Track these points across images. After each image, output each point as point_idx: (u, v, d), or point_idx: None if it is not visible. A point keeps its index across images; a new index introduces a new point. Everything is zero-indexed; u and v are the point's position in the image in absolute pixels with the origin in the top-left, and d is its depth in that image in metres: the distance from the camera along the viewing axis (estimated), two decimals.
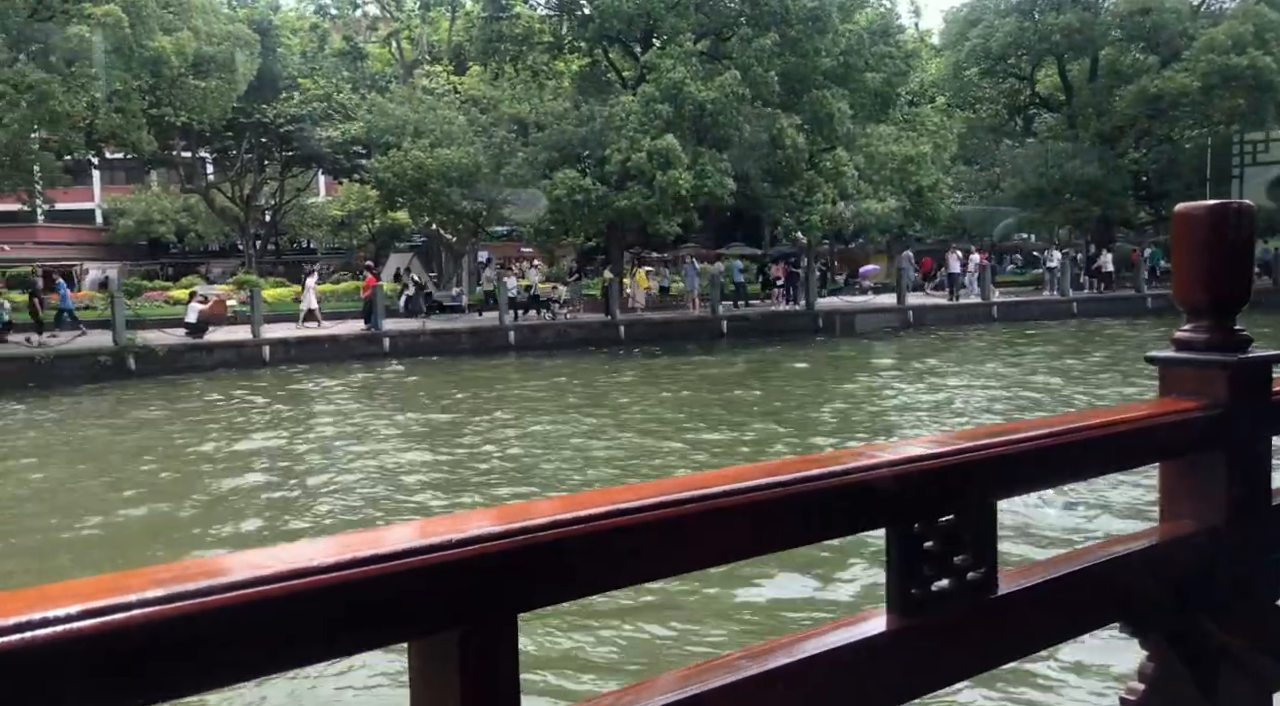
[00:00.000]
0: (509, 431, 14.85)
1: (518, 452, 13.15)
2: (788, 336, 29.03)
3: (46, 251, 45.29)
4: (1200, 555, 1.50)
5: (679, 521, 0.92)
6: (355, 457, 13.08)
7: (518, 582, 0.83)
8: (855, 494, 1.08)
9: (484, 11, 32.03)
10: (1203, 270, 1.55)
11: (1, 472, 13.08)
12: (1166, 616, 1.48)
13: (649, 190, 26.16)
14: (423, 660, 0.83)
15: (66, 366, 22.13)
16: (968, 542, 1.17)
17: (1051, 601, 1.30)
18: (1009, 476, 1.28)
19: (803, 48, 28.13)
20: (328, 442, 14.34)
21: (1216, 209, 1.53)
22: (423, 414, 16.80)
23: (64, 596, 0.63)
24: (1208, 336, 1.54)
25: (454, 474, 11.96)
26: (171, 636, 0.65)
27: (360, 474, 12.02)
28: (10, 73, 20.26)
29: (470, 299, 33.04)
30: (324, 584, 0.71)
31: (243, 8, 37.68)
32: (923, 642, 1.14)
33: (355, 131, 33.66)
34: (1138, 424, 1.44)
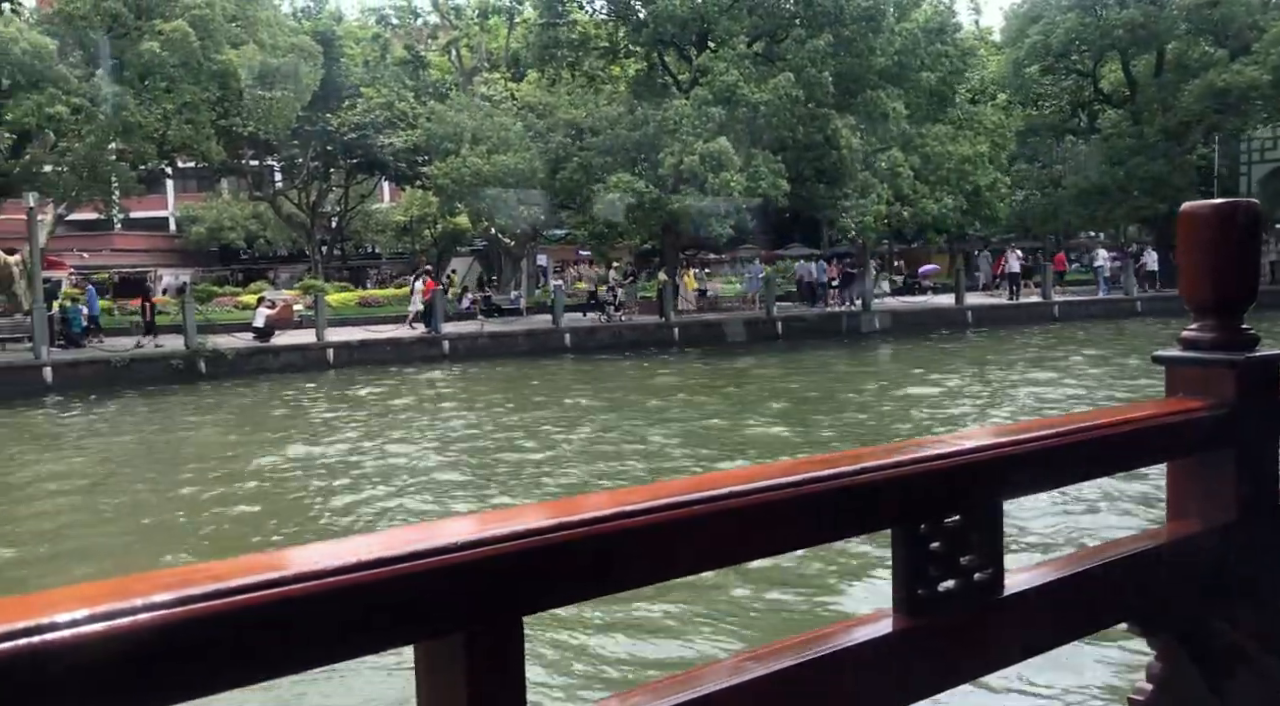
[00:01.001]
0: (569, 429, 15.15)
1: (579, 451, 13.43)
2: (843, 337, 28.97)
3: (123, 258, 46.82)
4: (1208, 554, 1.48)
5: (684, 523, 0.92)
6: (415, 457, 13.49)
7: (524, 585, 0.83)
8: (862, 494, 1.07)
9: (541, 18, 32.51)
10: (1209, 269, 1.54)
11: (95, 467, 13.75)
12: (1174, 616, 1.47)
13: (702, 192, 26.34)
14: (429, 662, 0.83)
15: (142, 369, 23.00)
16: (974, 543, 1.17)
17: (1059, 601, 1.29)
18: (1016, 477, 1.27)
19: (857, 48, 28.07)
20: (390, 442, 14.78)
21: (1222, 208, 1.52)
22: (485, 413, 17.20)
23: (72, 601, 0.64)
24: (1214, 335, 1.53)
25: (516, 473, 12.24)
26: (178, 640, 0.65)
27: (421, 472, 12.41)
28: (88, 87, 21.20)
29: (528, 301, 33.54)
30: (330, 587, 0.71)
31: (307, 19, 38.70)
32: (929, 643, 1.14)
33: (416, 138, 34.36)
34: (1145, 423, 1.43)
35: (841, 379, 20.94)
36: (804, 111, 27.43)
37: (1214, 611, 1.49)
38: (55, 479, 13.05)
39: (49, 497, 11.91)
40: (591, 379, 22.17)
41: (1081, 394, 16.73)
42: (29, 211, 23.23)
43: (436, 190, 32.29)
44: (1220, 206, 1.53)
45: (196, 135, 23.70)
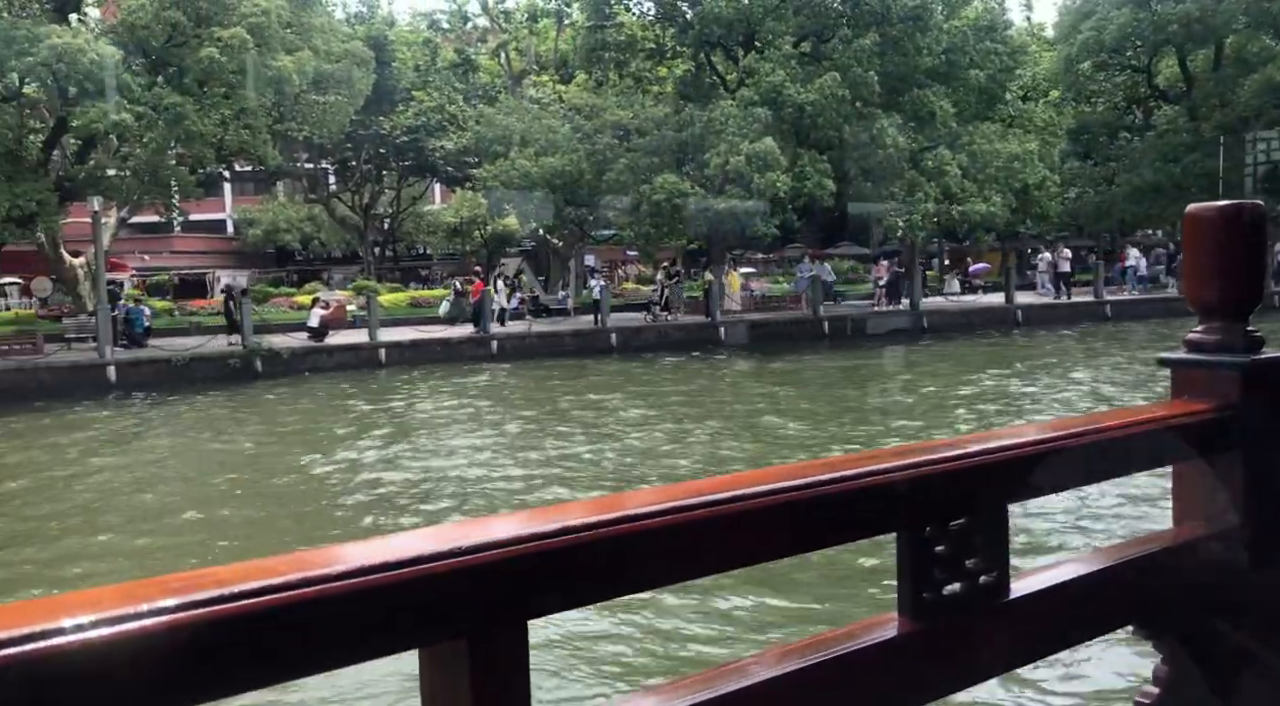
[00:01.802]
0: (620, 428, 15.37)
1: (631, 448, 13.64)
2: (890, 337, 28.85)
3: (182, 260, 48.02)
4: (1215, 557, 1.48)
5: (688, 527, 0.92)
6: (468, 454, 13.80)
7: (529, 589, 0.83)
8: (868, 498, 1.07)
9: (588, 21, 32.81)
10: (1214, 271, 1.53)
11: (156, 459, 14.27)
12: (1180, 619, 1.47)
13: (748, 192, 26.44)
14: (434, 666, 0.83)
15: (200, 368, 23.66)
16: (980, 546, 1.17)
17: (1065, 604, 1.29)
18: (1021, 479, 1.27)
19: (904, 47, 27.98)
20: (442, 440, 15.12)
21: (1228, 210, 1.51)
22: (534, 412, 17.49)
23: (80, 605, 0.64)
24: (1220, 337, 1.52)
25: (569, 471, 12.47)
26: (184, 645, 0.66)
27: (473, 470, 12.71)
28: (149, 95, 21.89)
29: (575, 301, 33.85)
30: (334, 592, 0.72)
31: (360, 24, 39.43)
32: (935, 646, 1.14)
33: (466, 141, 34.86)
34: (1150, 426, 1.43)
35: (887, 378, 20.90)
36: (850, 111, 27.41)
37: (1219, 614, 1.49)
38: (113, 472, 13.56)
39: (110, 492, 12.40)
40: (638, 379, 22.38)
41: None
42: (94, 215, 24.03)
43: (485, 192, 32.75)
44: (1225, 208, 1.51)
45: (254, 139, 24.34)
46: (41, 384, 21.91)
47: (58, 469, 13.95)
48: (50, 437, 16.77)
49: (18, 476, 13.53)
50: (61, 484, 12.93)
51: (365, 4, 41.89)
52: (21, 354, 23.61)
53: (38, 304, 33.53)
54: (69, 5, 24.39)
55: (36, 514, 11.20)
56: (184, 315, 31.69)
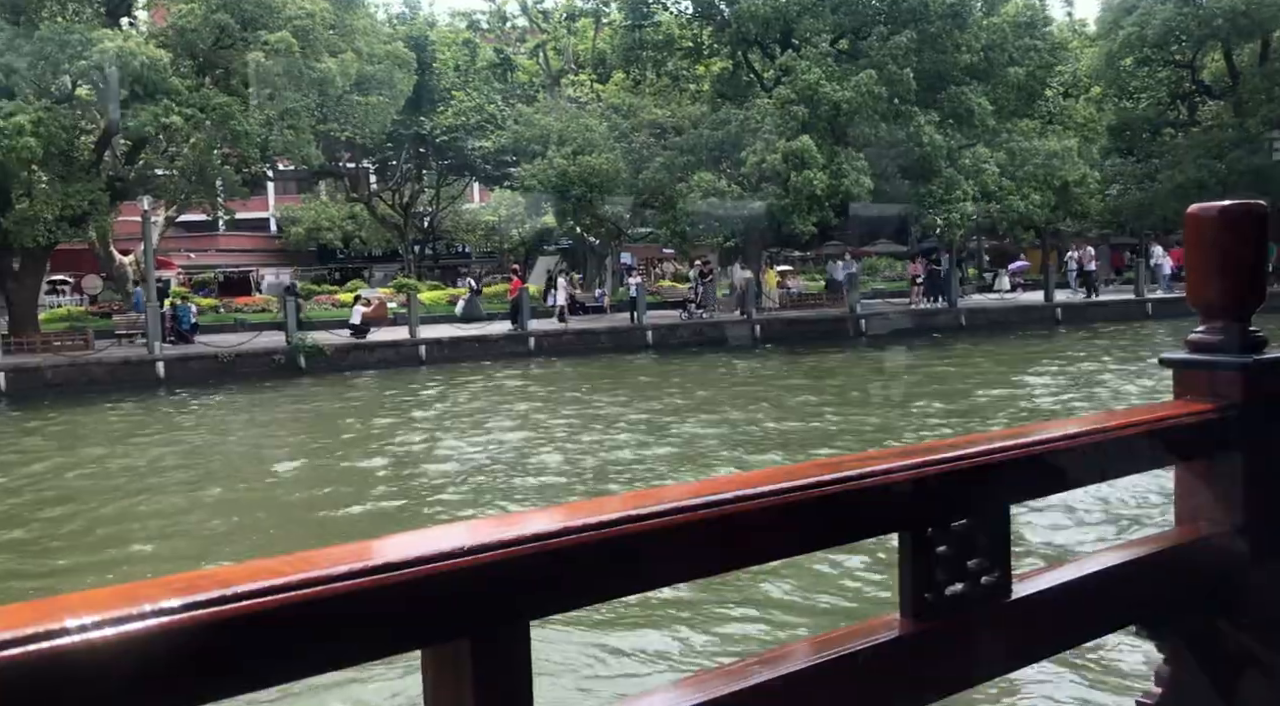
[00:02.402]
0: (660, 421, 15.58)
1: (671, 442, 13.84)
2: (928, 335, 28.79)
3: (226, 258, 48.87)
4: (1217, 557, 1.48)
5: (690, 528, 0.92)
6: (512, 447, 14.08)
7: (530, 590, 0.83)
8: (870, 498, 1.08)
9: (626, 20, 33.02)
10: (1216, 271, 1.53)
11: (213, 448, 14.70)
12: (1183, 619, 1.47)
13: (784, 191, 26.52)
14: (436, 668, 0.83)
15: (246, 364, 24.20)
16: (982, 546, 1.17)
17: (1067, 605, 1.29)
18: (1024, 480, 1.28)
19: (942, 44, 27.91)
20: (485, 433, 15.41)
21: (1230, 209, 1.52)
22: (575, 407, 17.74)
23: (83, 606, 0.64)
24: (1222, 338, 1.52)
25: (607, 466, 12.69)
26: (185, 645, 0.66)
27: (515, 462, 12.98)
28: (197, 97, 22.43)
29: (611, 299, 34.10)
30: (336, 592, 0.72)
31: (401, 25, 39.94)
32: (937, 647, 1.14)
33: (504, 141, 35.23)
34: (1153, 426, 1.43)
35: (928, 378, 20.90)
36: (886, 108, 27.40)
37: (1222, 614, 1.48)
38: (171, 461, 14.00)
39: (160, 488, 12.82)
40: (676, 375, 22.56)
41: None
42: (143, 214, 24.64)
43: (524, 191, 33.08)
44: (1227, 208, 1.52)
45: (298, 140, 24.83)
46: (93, 378, 22.55)
47: (115, 459, 14.41)
48: (106, 429, 17.30)
49: (82, 465, 14.02)
50: (120, 472, 13.38)
51: (407, 5, 42.41)
52: (74, 349, 24.29)
53: (88, 301, 34.43)
54: (120, 9, 25.03)
55: (105, 498, 11.64)
56: (229, 312, 32.38)
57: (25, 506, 11.60)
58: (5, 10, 22.94)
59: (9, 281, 24.95)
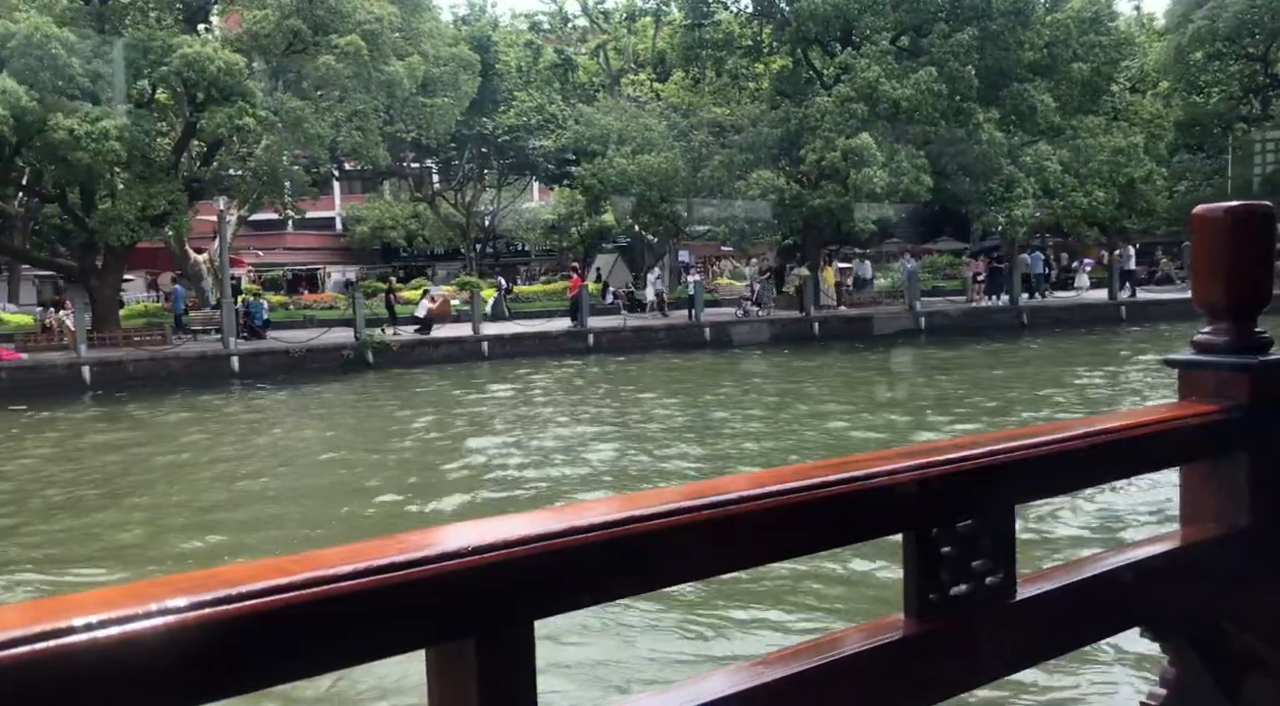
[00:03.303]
0: (719, 415, 15.83)
1: (726, 440, 14.10)
2: (989, 333, 28.60)
3: (294, 256, 50.08)
4: (1222, 558, 1.48)
5: (696, 528, 0.92)
6: (575, 440, 14.45)
7: (535, 590, 0.83)
8: (874, 499, 1.07)
9: (687, 19, 33.25)
10: (1222, 272, 1.53)
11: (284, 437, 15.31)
12: (1188, 620, 1.47)
13: (843, 188, 26.56)
14: (440, 667, 0.83)
15: (316, 358, 24.94)
16: (986, 547, 1.16)
17: (1071, 606, 1.29)
18: (1029, 480, 1.27)
19: (1004, 41, 27.72)
20: (549, 427, 15.81)
21: (1236, 210, 1.52)
22: (635, 404, 18.08)
23: (91, 604, 0.65)
24: (1228, 339, 1.51)
25: (655, 462, 13.03)
26: (191, 644, 0.66)
27: (575, 456, 13.34)
28: (271, 100, 23.21)
29: (670, 297, 34.37)
30: (342, 591, 0.72)
31: (465, 26, 40.66)
32: (941, 647, 1.14)
33: (565, 140, 35.71)
34: (1158, 427, 1.42)
35: (985, 378, 20.83)
36: (947, 106, 27.29)
37: (1227, 615, 1.49)
38: (258, 449, 14.61)
39: (258, 468, 13.41)
40: (731, 372, 22.79)
41: None
42: (219, 214, 25.52)
43: (583, 190, 33.51)
44: (1234, 209, 1.52)
45: (366, 141, 25.52)
46: (172, 372, 23.43)
47: (198, 449, 15.08)
48: (186, 420, 18.05)
49: (183, 450, 14.72)
50: (210, 459, 14.03)
51: (470, 7, 43.15)
52: (152, 344, 25.26)
53: (163, 298, 35.63)
54: (198, 16, 25.96)
55: (203, 483, 12.25)
56: (298, 309, 33.30)
57: (117, 488, 12.25)
58: (91, 19, 23.96)
59: (92, 279, 26.01)
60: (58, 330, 25.72)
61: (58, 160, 21.65)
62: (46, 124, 20.55)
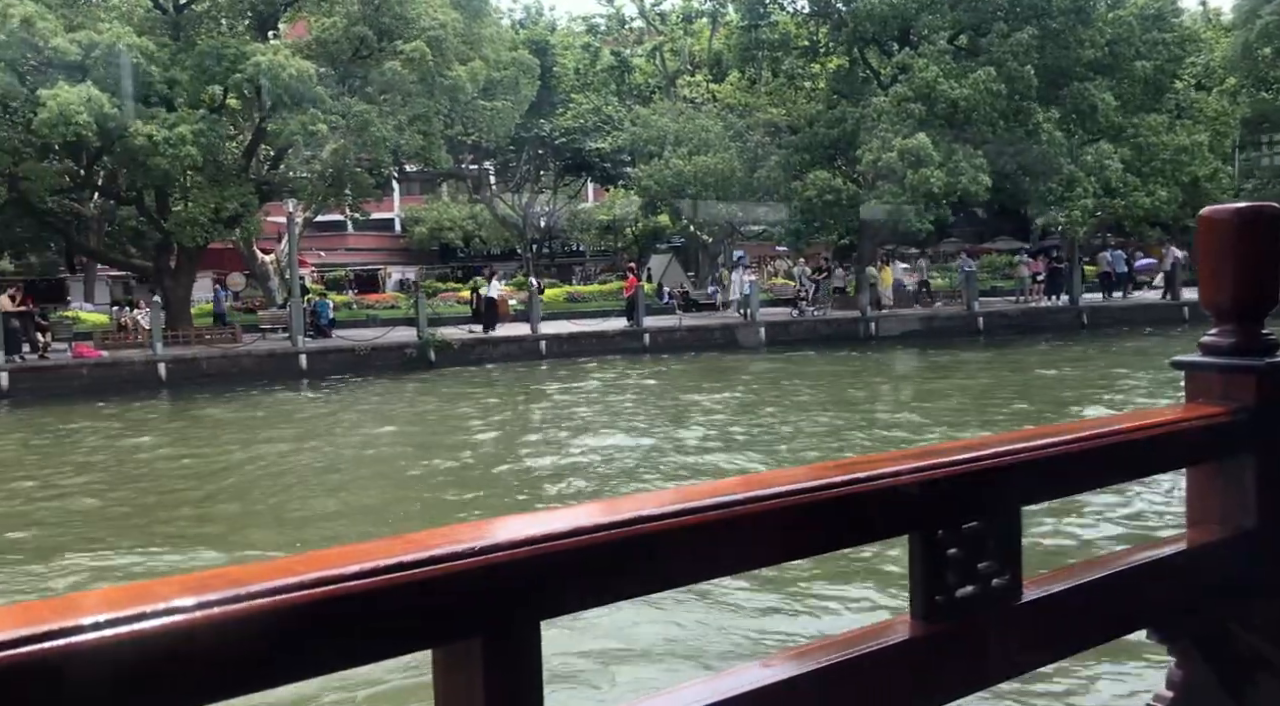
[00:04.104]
0: (779, 412, 16.05)
1: (779, 438, 14.34)
2: (1049, 333, 28.40)
3: (354, 257, 51.14)
4: (1229, 560, 1.47)
5: (702, 529, 0.92)
6: (633, 437, 14.78)
7: (540, 590, 0.83)
8: (881, 500, 1.07)
9: (743, 20, 33.44)
10: (1229, 274, 1.53)
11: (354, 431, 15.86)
12: (1195, 622, 1.47)
13: (900, 188, 26.58)
14: (446, 667, 0.83)
15: (380, 357, 25.59)
16: (992, 549, 1.16)
17: (1078, 607, 1.29)
18: (1035, 482, 1.27)
19: (1064, 39, 27.52)
20: (610, 424, 16.16)
21: (1243, 212, 1.52)
22: (691, 399, 18.37)
23: (95, 604, 0.65)
24: (1235, 341, 1.51)
25: (724, 458, 13.32)
26: (197, 644, 0.67)
27: (639, 452, 13.66)
28: (339, 105, 23.89)
29: (724, 297, 34.58)
30: (347, 592, 0.72)
31: (523, 29, 41.25)
32: (947, 649, 1.14)
33: (621, 142, 36.08)
34: (1166, 429, 1.42)
35: (1041, 378, 20.76)
36: (1005, 106, 27.17)
37: (1234, 617, 1.49)
38: (316, 449, 15.16)
39: (334, 461, 13.93)
40: (788, 371, 22.94)
41: None
42: (289, 216, 26.28)
43: (640, 191, 33.86)
44: (1241, 211, 1.52)
45: (429, 144, 26.12)
46: (243, 369, 24.21)
47: (274, 442, 15.67)
48: (270, 414, 18.76)
49: (262, 444, 15.31)
50: (285, 454, 14.59)
51: (528, 11, 43.74)
52: (224, 342, 26.10)
53: (231, 297, 36.70)
54: (269, 24, 26.75)
55: (284, 476, 12.81)
56: (361, 308, 34.12)
57: (200, 480, 12.83)
58: (168, 28, 24.85)
59: (166, 279, 26.92)
60: (133, 328, 26.69)
61: (136, 165, 22.51)
62: (127, 130, 21.39)
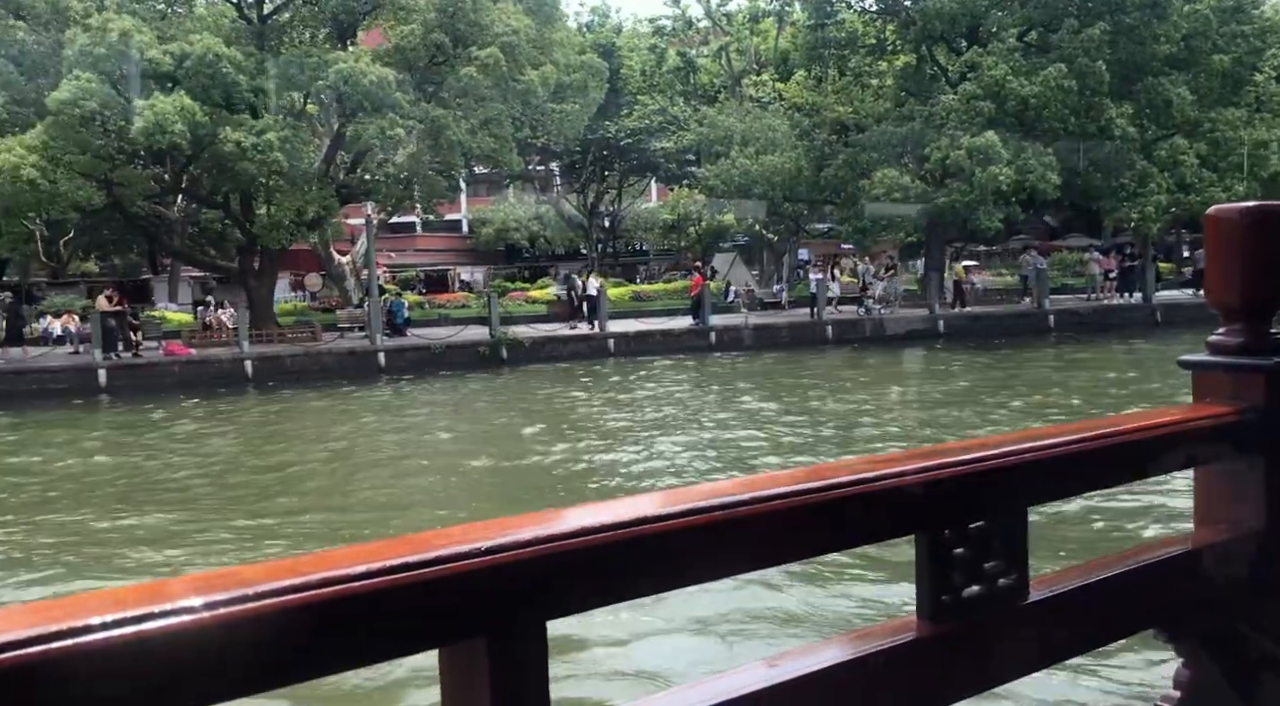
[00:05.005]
0: (848, 410, 16.27)
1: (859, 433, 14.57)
2: (1121, 331, 28.09)
3: (423, 258, 52.15)
4: (1237, 560, 1.47)
5: (708, 529, 0.92)
6: (705, 433, 15.13)
7: (547, 590, 0.84)
8: (887, 500, 1.08)
9: (810, 19, 33.55)
10: (1237, 273, 1.52)
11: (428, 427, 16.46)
12: (1202, 622, 1.46)
13: (968, 186, 26.52)
14: (452, 666, 0.84)
15: (454, 355, 26.26)
16: (999, 548, 1.16)
17: (1085, 608, 1.29)
18: (1042, 482, 1.27)
19: (1138, 34, 27.20)
20: (684, 417, 16.53)
21: (1251, 211, 1.51)
22: (761, 395, 18.66)
23: (104, 604, 0.65)
24: (1243, 340, 1.51)
25: (803, 451, 13.61)
26: (205, 644, 0.67)
27: (714, 447, 14.01)
28: (417, 110, 24.63)
29: (789, 295, 34.74)
30: (354, 592, 0.73)
31: (589, 33, 41.83)
32: (954, 649, 1.14)
33: (687, 141, 36.43)
34: (1173, 429, 1.42)
35: (1109, 380, 20.63)
36: (1076, 102, 26.95)
37: (1242, 617, 1.48)
38: (403, 441, 15.76)
39: (416, 451, 14.52)
40: (859, 368, 23.09)
41: None
42: (367, 219, 27.12)
43: (706, 191, 34.16)
44: (1249, 210, 1.52)
45: (500, 148, 26.76)
46: (324, 367, 25.05)
47: (367, 434, 16.33)
48: (357, 408, 19.53)
49: (352, 436, 15.99)
50: (379, 446, 15.24)
51: (594, 14, 44.29)
52: (305, 341, 27.02)
53: (308, 297, 37.81)
54: (349, 33, 27.62)
55: (374, 465, 13.42)
56: (433, 307, 34.94)
57: (299, 472, 13.48)
58: (252, 38, 25.82)
59: (250, 279, 27.94)
60: (217, 327, 27.76)
61: (224, 170, 23.46)
62: (217, 137, 22.32)
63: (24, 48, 23.88)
